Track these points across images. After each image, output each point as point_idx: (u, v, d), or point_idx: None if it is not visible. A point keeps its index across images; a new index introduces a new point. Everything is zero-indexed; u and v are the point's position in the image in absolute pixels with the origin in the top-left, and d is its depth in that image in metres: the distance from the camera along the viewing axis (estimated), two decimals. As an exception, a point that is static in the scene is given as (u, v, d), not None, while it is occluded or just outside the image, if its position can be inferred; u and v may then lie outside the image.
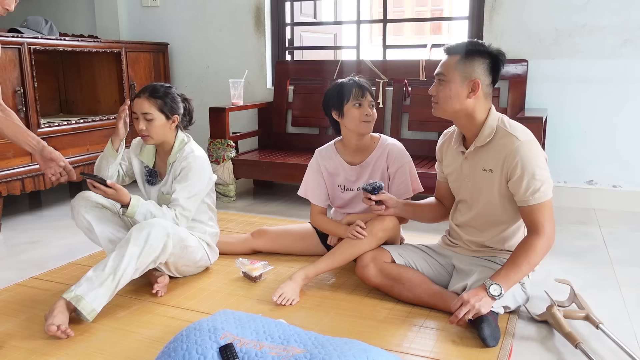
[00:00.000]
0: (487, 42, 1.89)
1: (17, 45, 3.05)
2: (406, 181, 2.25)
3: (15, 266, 2.50)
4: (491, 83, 1.86)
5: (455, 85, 1.83)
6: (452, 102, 1.85)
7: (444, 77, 1.85)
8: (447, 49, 1.89)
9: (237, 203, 3.61)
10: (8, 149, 3.01)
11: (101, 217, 2.11)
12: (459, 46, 1.86)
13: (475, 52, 1.83)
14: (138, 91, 2.16)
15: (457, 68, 1.83)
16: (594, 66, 3.27)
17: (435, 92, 1.88)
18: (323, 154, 2.39)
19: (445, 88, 1.85)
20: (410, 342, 1.73)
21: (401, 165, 2.25)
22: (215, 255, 2.34)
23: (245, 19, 4.13)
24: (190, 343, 1.45)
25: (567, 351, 1.68)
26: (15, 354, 1.68)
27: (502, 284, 1.71)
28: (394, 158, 2.25)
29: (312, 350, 1.40)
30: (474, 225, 1.98)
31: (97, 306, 1.83)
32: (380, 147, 2.29)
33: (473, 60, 1.82)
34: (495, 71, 1.85)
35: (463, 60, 1.83)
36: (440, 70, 1.88)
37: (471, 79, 1.82)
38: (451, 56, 1.86)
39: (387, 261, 2.02)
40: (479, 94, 1.83)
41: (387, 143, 2.29)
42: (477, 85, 1.81)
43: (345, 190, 2.34)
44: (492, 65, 1.84)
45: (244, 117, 4.18)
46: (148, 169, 2.26)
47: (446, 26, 14.95)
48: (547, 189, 1.77)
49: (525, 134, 1.83)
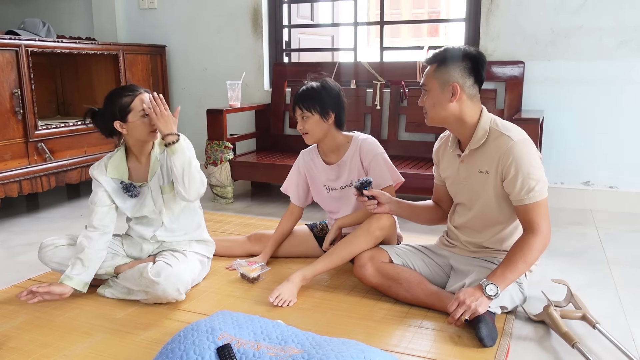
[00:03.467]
0: (483, 45, 1.90)
1: (15, 47, 3.05)
2: (382, 170, 2.25)
3: (12, 268, 2.50)
4: (475, 84, 1.87)
5: (436, 92, 1.87)
6: (437, 109, 1.88)
7: (426, 86, 1.91)
8: (426, 60, 1.94)
9: (234, 205, 3.62)
10: (5, 151, 3.01)
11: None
12: (435, 55, 1.90)
13: (449, 57, 1.86)
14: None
15: (434, 76, 1.87)
16: (590, 67, 3.28)
17: (422, 103, 1.92)
18: (305, 154, 2.44)
19: (429, 97, 1.90)
20: (407, 342, 1.73)
21: (374, 155, 2.25)
22: (206, 271, 2.34)
23: (243, 21, 4.13)
24: (187, 344, 1.45)
25: (563, 351, 1.68)
26: (13, 356, 1.68)
27: (498, 284, 1.72)
28: (366, 152, 2.26)
29: (310, 350, 1.40)
30: (472, 227, 1.99)
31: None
32: (353, 145, 2.30)
33: (447, 65, 1.85)
34: (476, 71, 1.86)
35: (439, 68, 1.87)
36: (422, 81, 1.94)
37: (449, 83, 1.84)
38: (430, 66, 1.91)
39: (385, 261, 2.03)
40: (461, 97, 1.85)
41: (359, 139, 2.31)
42: (457, 88, 1.83)
43: (330, 190, 2.36)
44: (471, 66, 1.85)
45: (241, 119, 4.18)
46: (124, 183, 2.15)
47: (443, 28, 14.97)
48: (542, 188, 1.78)
49: (518, 133, 1.84)
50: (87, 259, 2.05)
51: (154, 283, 1.95)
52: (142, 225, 2.21)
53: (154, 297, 1.99)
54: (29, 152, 3.15)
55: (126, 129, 2.08)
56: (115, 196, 2.17)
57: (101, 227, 2.11)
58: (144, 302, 2.04)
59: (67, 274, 2.02)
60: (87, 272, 2.05)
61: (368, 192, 2.06)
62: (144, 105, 2.05)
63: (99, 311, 2.00)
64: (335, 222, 2.28)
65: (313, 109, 2.21)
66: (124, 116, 2.07)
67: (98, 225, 2.11)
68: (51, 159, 3.27)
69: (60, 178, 3.34)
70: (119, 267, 2.15)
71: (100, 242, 2.10)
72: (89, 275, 2.05)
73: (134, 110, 2.06)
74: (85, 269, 2.04)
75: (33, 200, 3.80)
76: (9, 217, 3.33)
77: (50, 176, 3.28)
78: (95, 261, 2.08)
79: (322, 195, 2.41)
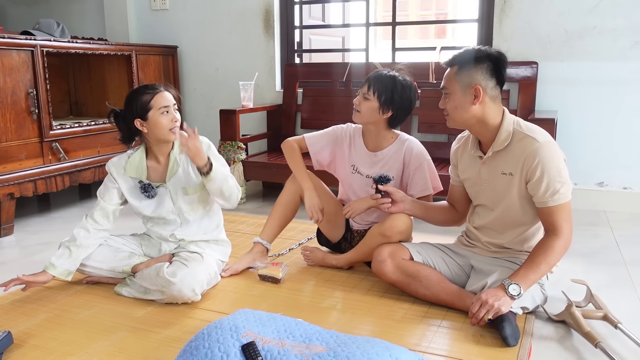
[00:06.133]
0: (496, 45, 1.89)
1: (30, 47, 3.06)
2: (425, 178, 2.24)
3: (29, 267, 2.50)
4: (497, 85, 1.86)
5: (458, 95, 1.85)
6: (459, 112, 1.87)
7: (447, 89, 1.89)
8: (445, 62, 1.92)
9: (246, 205, 3.62)
10: (21, 151, 3.02)
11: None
12: (455, 57, 1.89)
13: (471, 59, 1.84)
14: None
15: (456, 78, 1.86)
16: (604, 68, 3.27)
17: (444, 105, 1.91)
18: (351, 129, 2.39)
19: (450, 100, 1.88)
20: (429, 342, 1.73)
21: (421, 162, 2.25)
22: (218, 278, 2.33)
23: (255, 22, 4.14)
24: (212, 341, 1.45)
25: (586, 350, 1.68)
26: (36, 353, 1.69)
27: (521, 284, 1.72)
28: (415, 156, 2.25)
29: (335, 348, 1.40)
30: (493, 228, 1.98)
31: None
32: (397, 143, 2.29)
33: (470, 67, 1.84)
34: (498, 73, 1.85)
35: (460, 70, 1.85)
36: (443, 83, 1.91)
37: (471, 86, 1.83)
38: (450, 68, 1.89)
39: (405, 258, 2.02)
40: (484, 99, 1.83)
41: (405, 139, 2.30)
42: (479, 91, 1.82)
43: (355, 172, 2.34)
44: (493, 67, 1.84)
45: (252, 120, 4.19)
46: (142, 183, 2.16)
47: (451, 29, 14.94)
48: (567, 191, 1.77)
49: (543, 135, 1.83)
50: (77, 250, 2.09)
51: (170, 283, 1.96)
52: (160, 226, 2.22)
53: (169, 297, 2.00)
54: (43, 151, 3.17)
55: (146, 127, 2.10)
56: (130, 195, 2.18)
57: (102, 223, 2.16)
58: (159, 302, 2.05)
59: (52, 262, 2.07)
60: (73, 262, 2.09)
61: (383, 187, 2.06)
62: (182, 139, 2.04)
63: (118, 309, 2.01)
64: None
65: (378, 96, 2.18)
66: (144, 114, 2.08)
67: (99, 220, 2.15)
68: (65, 159, 3.28)
69: (74, 178, 3.36)
70: (136, 266, 2.16)
71: (96, 238, 2.14)
72: (74, 265, 2.10)
73: (154, 107, 2.08)
74: (72, 260, 2.09)
75: (44, 200, 3.81)
76: (22, 217, 3.34)
77: (64, 176, 3.29)
78: (83, 254, 2.12)
79: (344, 172, 2.39)
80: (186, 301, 2.01)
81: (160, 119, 2.07)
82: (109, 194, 2.17)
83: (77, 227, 2.13)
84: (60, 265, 2.06)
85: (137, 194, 2.18)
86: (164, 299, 2.03)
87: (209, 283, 2.14)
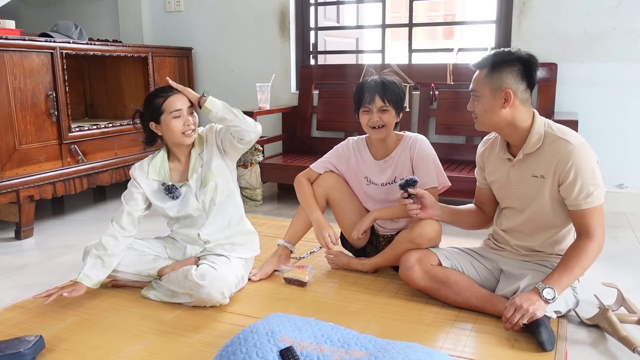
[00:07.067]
0: (515, 47, 1.86)
1: (50, 49, 3.06)
2: (430, 170, 2.21)
3: (52, 270, 2.51)
4: (527, 88, 1.84)
5: (487, 99, 1.83)
6: (489, 115, 1.85)
7: (476, 92, 1.87)
8: (474, 64, 1.89)
9: (263, 207, 3.61)
10: (40, 153, 3.02)
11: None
12: (485, 59, 1.86)
13: (501, 62, 1.82)
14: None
15: (486, 82, 1.83)
16: (624, 69, 3.25)
17: (472, 108, 1.89)
18: (353, 144, 2.38)
19: (479, 103, 1.86)
20: (463, 346, 1.71)
21: (424, 155, 2.22)
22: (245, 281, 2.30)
23: (270, 24, 4.14)
24: (249, 346, 1.44)
25: (623, 355, 1.66)
26: (68, 357, 1.68)
27: (555, 288, 1.70)
28: (418, 150, 2.23)
29: (376, 353, 1.39)
30: (523, 231, 1.96)
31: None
32: (403, 143, 2.28)
33: (500, 70, 1.81)
34: (528, 75, 1.82)
35: (490, 73, 1.83)
36: (471, 86, 1.89)
37: (502, 89, 1.80)
38: (480, 71, 1.87)
39: (434, 263, 2.01)
40: (514, 102, 1.81)
41: (409, 138, 2.29)
42: (509, 94, 1.80)
43: (370, 184, 2.33)
44: (523, 70, 1.81)
45: (268, 121, 4.18)
46: (165, 185, 2.15)
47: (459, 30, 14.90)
48: (600, 194, 1.76)
49: (576, 137, 1.81)
50: (109, 260, 2.09)
51: (199, 286, 1.95)
52: (187, 227, 2.21)
53: (198, 300, 1.99)
54: (62, 154, 3.16)
55: (160, 130, 2.11)
56: (154, 197, 2.17)
57: (129, 229, 2.15)
58: (186, 305, 2.04)
59: (86, 273, 2.06)
60: (105, 272, 2.10)
61: (413, 190, 2.04)
62: (171, 82, 2.10)
63: (145, 313, 2.00)
64: (372, 212, 2.27)
65: (394, 104, 2.19)
66: (157, 117, 2.09)
67: (127, 227, 2.14)
68: (84, 161, 3.28)
69: (92, 180, 3.35)
70: (162, 269, 2.15)
71: (124, 245, 2.14)
72: (106, 275, 2.10)
73: (166, 111, 2.08)
74: (105, 270, 2.09)
75: (59, 203, 3.81)
76: (40, 220, 3.34)
77: (82, 178, 3.29)
78: (115, 262, 2.12)
79: (359, 186, 2.37)
80: (214, 304, 2.00)
81: (172, 122, 2.07)
82: (134, 200, 2.16)
83: (106, 236, 2.11)
84: (95, 276, 2.06)
85: (162, 196, 2.17)
86: (192, 302, 2.02)
87: (237, 286, 2.13)
